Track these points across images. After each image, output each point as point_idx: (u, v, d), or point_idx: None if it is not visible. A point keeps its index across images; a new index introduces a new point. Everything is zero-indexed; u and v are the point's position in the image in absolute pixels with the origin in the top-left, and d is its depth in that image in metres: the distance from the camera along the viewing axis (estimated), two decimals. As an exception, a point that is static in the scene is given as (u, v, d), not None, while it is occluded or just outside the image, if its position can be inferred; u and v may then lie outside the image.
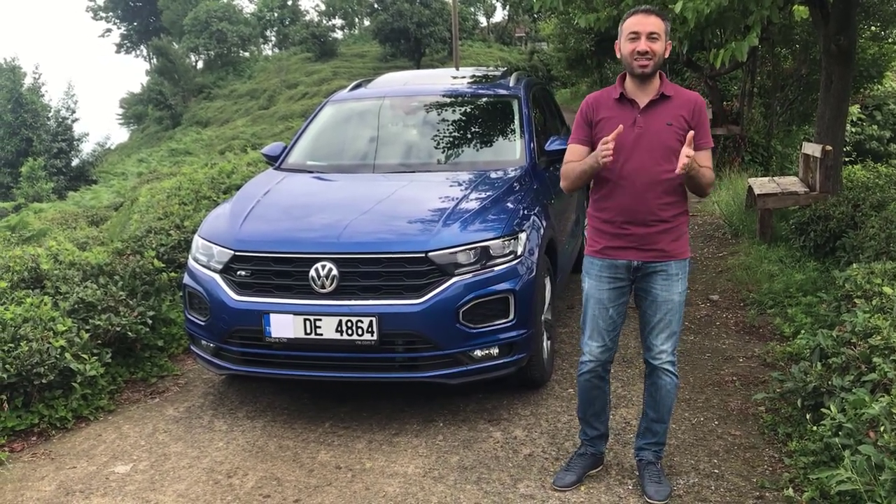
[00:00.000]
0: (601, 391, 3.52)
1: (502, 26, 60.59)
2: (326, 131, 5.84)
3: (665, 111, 3.23)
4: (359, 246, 4.03)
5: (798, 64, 13.77)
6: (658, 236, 3.25)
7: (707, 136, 3.27)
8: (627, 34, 3.20)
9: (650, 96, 3.24)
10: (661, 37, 3.18)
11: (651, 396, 3.45)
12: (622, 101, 3.29)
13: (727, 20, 6.20)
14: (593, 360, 3.43)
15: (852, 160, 15.50)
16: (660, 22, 3.19)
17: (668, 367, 3.36)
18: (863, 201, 6.50)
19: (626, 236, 3.27)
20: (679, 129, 3.20)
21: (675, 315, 3.31)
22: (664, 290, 3.29)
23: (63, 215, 18.72)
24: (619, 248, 3.29)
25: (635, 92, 3.27)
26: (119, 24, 70.58)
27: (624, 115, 3.25)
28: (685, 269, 3.34)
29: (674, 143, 3.19)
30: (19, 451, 4.07)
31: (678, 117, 3.22)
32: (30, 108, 39.41)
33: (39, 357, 4.17)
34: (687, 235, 3.36)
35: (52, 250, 5.52)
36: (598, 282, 3.37)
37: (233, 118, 48.35)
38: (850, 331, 3.84)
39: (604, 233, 3.33)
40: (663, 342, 3.34)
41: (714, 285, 6.70)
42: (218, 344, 4.24)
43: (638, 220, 3.24)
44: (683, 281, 3.32)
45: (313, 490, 3.58)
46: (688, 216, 3.36)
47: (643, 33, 3.16)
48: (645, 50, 3.15)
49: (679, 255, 3.30)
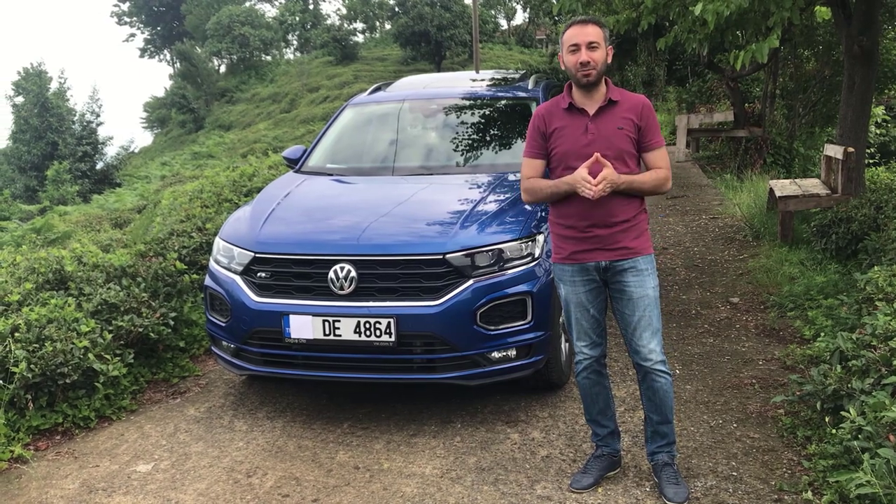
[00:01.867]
0: (601, 387, 3.56)
1: (523, 29, 60.60)
2: (346, 134, 5.88)
3: (614, 115, 3.33)
4: (377, 248, 4.06)
5: (820, 65, 13.65)
6: (620, 235, 3.32)
7: (656, 136, 3.36)
8: (568, 46, 3.30)
9: (599, 103, 3.35)
10: (600, 45, 3.28)
11: (650, 400, 3.45)
12: (572, 111, 3.38)
13: (748, 22, 6.19)
14: (586, 358, 3.49)
15: (876, 162, 15.35)
16: (598, 30, 3.29)
17: (660, 366, 3.38)
18: (885, 203, 6.44)
19: (591, 239, 3.33)
20: (630, 132, 3.31)
21: (653, 311, 3.36)
22: (637, 286, 3.34)
23: (87, 218, 18.93)
24: (585, 251, 3.36)
25: (583, 100, 3.37)
26: (143, 28, 71.32)
27: (575, 124, 3.35)
28: (652, 264, 3.41)
29: (626, 146, 3.31)
30: (44, 450, 4.13)
31: (627, 120, 3.32)
32: (55, 113, 39.90)
33: (63, 357, 4.24)
34: (648, 232, 3.44)
35: (77, 252, 5.60)
36: (573, 286, 3.43)
37: (255, 122, 48.68)
38: (871, 333, 3.82)
39: (568, 238, 3.39)
40: (648, 341, 3.36)
41: (734, 288, 6.67)
42: (238, 345, 4.28)
43: (600, 223, 3.31)
44: (653, 276, 3.39)
45: (332, 490, 3.61)
46: (647, 213, 3.45)
47: (583, 44, 3.26)
48: (586, 60, 3.25)
49: (644, 251, 3.37)
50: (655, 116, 3.38)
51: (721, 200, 10.82)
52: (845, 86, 8.17)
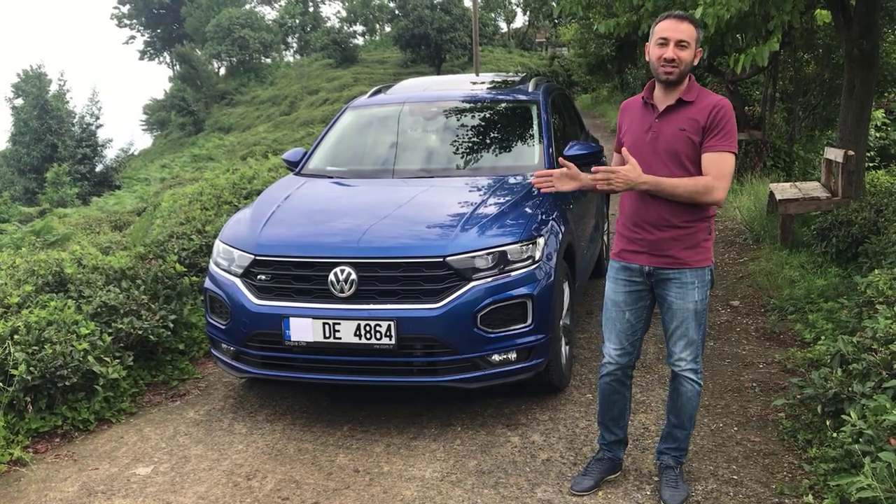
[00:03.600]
0: (621, 396, 3.51)
1: (523, 32, 60.62)
2: (346, 137, 5.88)
3: (681, 116, 3.18)
4: (377, 250, 4.05)
5: (820, 68, 13.65)
6: (669, 242, 3.20)
7: (718, 139, 3.12)
8: (657, 38, 3.14)
9: (669, 101, 3.21)
10: (690, 45, 3.12)
11: (673, 402, 3.44)
12: (646, 106, 3.29)
13: (748, 25, 6.19)
14: (612, 364, 3.44)
15: (876, 165, 15.34)
16: (691, 29, 3.13)
17: (689, 374, 3.35)
18: (886, 207, 6.44)
19: (637, 240, 3.27)
20: (692, 134, 3.14)
21: (691, 323, 3.26)
22: (678, 298, 3.25)
23: (87, 220, 18.91)
24: (632, 252, 3.30)
25: (659, 97, 3.25)
26: (143, 31, 71.43)
27: (643, 121, 3.27)
28: (703, 278, 3.25)
29: (684, 148, 3.15)
30: (43, 453, 4.13)
31: (692, 121, 3.14)
32: (55, 115, 39.90)
33: (63, 360, 4.23)
34: (707, 243, 3.26)
35: (76, 255, 5.59)
36: (614, 284, 3.39)
37: (254, 124, 48.70)
38: (872, 337, 3.81)
39: (622, 236, 3.36)
40: (681, 350, 3.32)
41: (735, 291, 6.66)
42: (238, 347, 4.27)
43: (647, 225, 3.23)
44: (701, 290, 3.25)
45: (331, 493, 3.60)
46: (709, 223, 3.24)
47: (672, 40, 3.10)
48: (672, 57, 3.10)
49: (694, 264, 3.21)
50: (732, 120, 3.14)
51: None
52: (845, 89, 8.18)
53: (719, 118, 3.13)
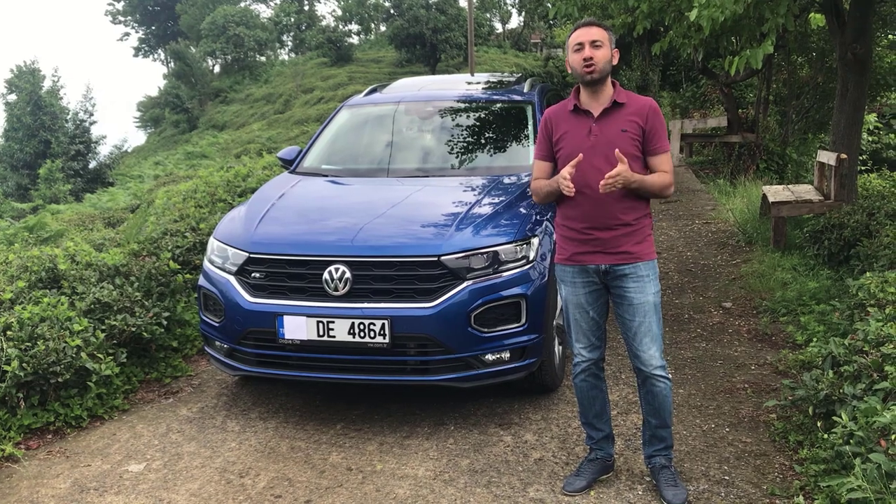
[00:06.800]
0: (598, 391, 3.57)
1: (518, 32, 60.61)
2: (342, 136, 5.88)
3: (619, 118, 3.32)
4: (372, 249, 4.06)
5: (814, 72, 13.73)
6: (621, 239, 3.32)
7: (662, 140, 3.35)
8: (573, 46, 3.32)
9: (603, 105, 3.34)
10: (604, 44, 3.29)
11: (649, 404, 3.46)
12: (577, 113, 3.39)
13: (742, 28, 6.21)
14: (584, 361, 3.50)
15: (868, 169, 15.43)
16: (602, 31, 3.31)
17: (660, 372, 3.39)
18: (878, 210, 6.48)
19: (591, 241, 3.34)
20: (634, 135, 3.31)
21: (653, 317, 3.36)
22: (637, 291, 3.34)
23: (80, 217, 18.89)
24: (586, 254, 3.37)
25: (589, 102, 3.38)
26: (137, 27, 71.12)
27: (580, 126, 3.36)
28: (654, 270, 3.40)
29: (630, 149, 3.28)
30: (35, 449, 4.12)
31: (632, 123, 3.31)
32: (48, 111, 39.75)
33: (56, 356, 4.22)
34: (651, 238, 3.43)
35: (70, 251, 5.58)
36: (573, 287, 3.45)
37: (249, 122, 48.56)
38: (863, 339, 3.84)
39: (570, 240, 3.41)
40: (648, 347, 3.37)
41: (727, 293, 6.69)
42: (232, 345, 4.27)
43: (601, 225, 3.32)
44: (655, 282, 3.38)
45: (324, 491, 3.60)
46: (650, 219, 3.44)
47: (586, 42, 3.28)
48: (589, 56, 3.26)
49: (646, 257, 3.36)
50: (662, 120, 3.37)
51: (714, 205, 10.85)
52: (838, 92, 8.22)
53: (656, 121, 3.33)
